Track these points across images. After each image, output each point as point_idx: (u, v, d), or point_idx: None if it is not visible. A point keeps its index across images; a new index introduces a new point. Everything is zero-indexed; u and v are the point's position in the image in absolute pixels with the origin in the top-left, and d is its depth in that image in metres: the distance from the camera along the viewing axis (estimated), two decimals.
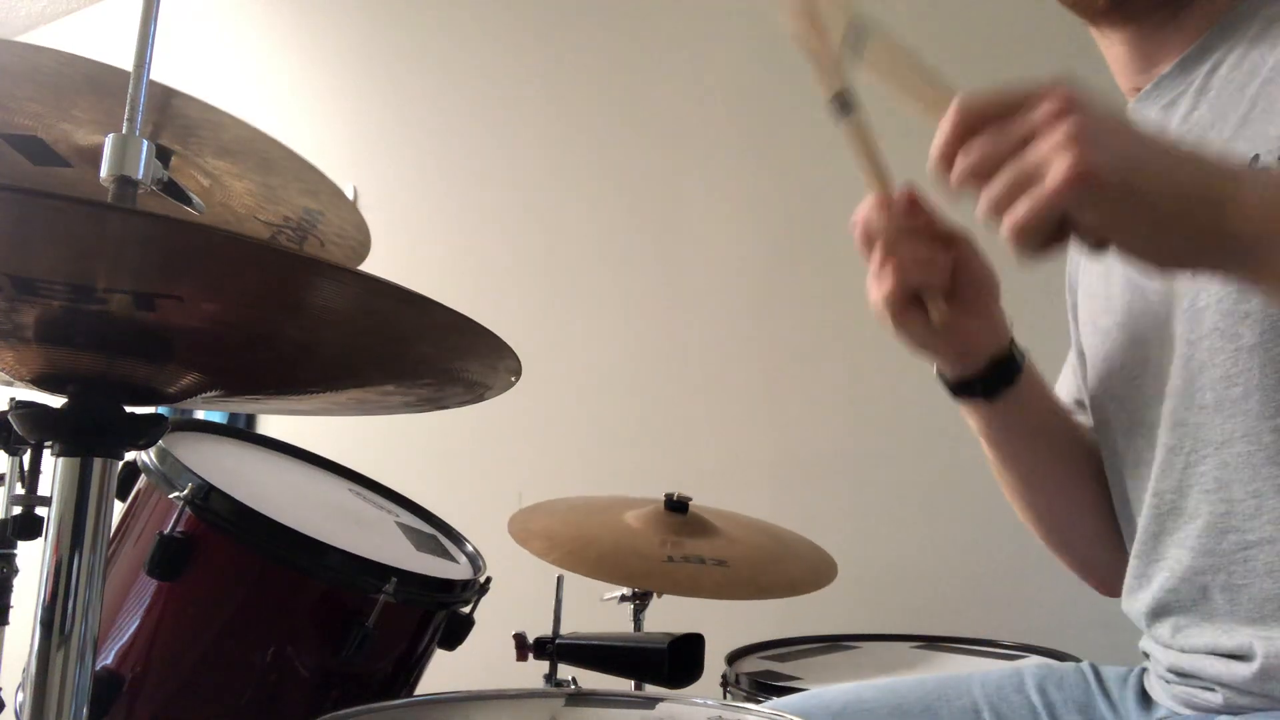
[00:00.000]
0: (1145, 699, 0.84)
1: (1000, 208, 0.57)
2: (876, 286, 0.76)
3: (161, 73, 0.84)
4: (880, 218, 0.74)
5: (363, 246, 1.13)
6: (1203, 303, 0.70)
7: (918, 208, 0.75)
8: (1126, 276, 0.80)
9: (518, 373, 0.75)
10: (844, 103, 0.73)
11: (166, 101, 0.96)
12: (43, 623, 0.66)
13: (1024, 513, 0.94)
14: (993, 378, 0.83)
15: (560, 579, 1.21)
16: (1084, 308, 0.89)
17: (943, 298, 0.75)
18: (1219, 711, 0.73)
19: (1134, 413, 0.79)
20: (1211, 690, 0.74)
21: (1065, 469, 0.90)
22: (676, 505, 1.35)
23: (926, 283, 0.74)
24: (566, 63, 2.46)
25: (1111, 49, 0.84)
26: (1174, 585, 0.75)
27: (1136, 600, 0.81)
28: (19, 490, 0.92)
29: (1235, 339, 0.69)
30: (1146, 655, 0.84)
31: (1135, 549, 0.81)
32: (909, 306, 0.75)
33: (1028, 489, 0.92)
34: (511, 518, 1.33)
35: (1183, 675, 0.77)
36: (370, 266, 0.91)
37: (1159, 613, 0.78)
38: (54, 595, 0.66)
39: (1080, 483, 0.90)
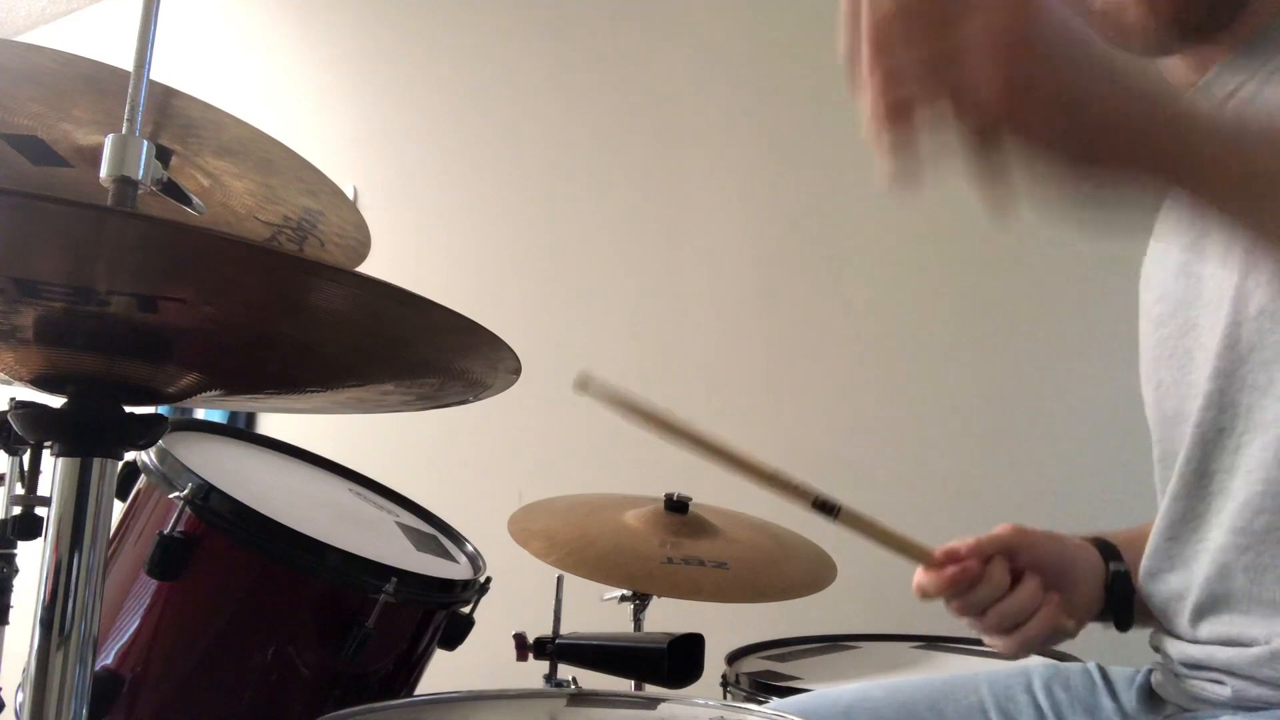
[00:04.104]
0: (1152, 698, 0.84)
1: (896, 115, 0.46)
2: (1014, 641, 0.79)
3: (161, 73, 0.84)
4: (938, 586, 0.78)
5: (363, 246, 1.13)
6: (1253, 284, 0.70)
7: (983, 566, 0.78)
8: (1181, 263, 0.80)
9: (518, 372, 0.75)
10: (826, 507, 0.77)
11: (166, 101, 0.96)
12: (42, 623, 0.66)
13: None
14: (1114, 609, 0.85)
15: (560, 579, 1.21)
16: (1142, 298, 0.90)
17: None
18: (1227, 705, 0.73)
19: (1181, 398, 0.79)
20: (1220, 683, 0.74)
21: None
22: (676, 505, 1.35)
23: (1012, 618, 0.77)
24: (568, 61, 2.46)
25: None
26: (1208, 565, 0.75)
27: (1166, 581, 0.80)
28: (19, 490, 0.92)
29: None
30: (1156, 649, 0.84)
31: (1169, 531, 0.80)
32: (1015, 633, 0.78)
33: None
34: (511, 517, 1.33)
35: (1193, 667, 0.77)
36: (370, 266, 0.91)
37: (1184, 595, 0.78)
38: (54, 595, 0.66)
39: None
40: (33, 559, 0.79)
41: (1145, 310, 0.87)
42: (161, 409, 0.77)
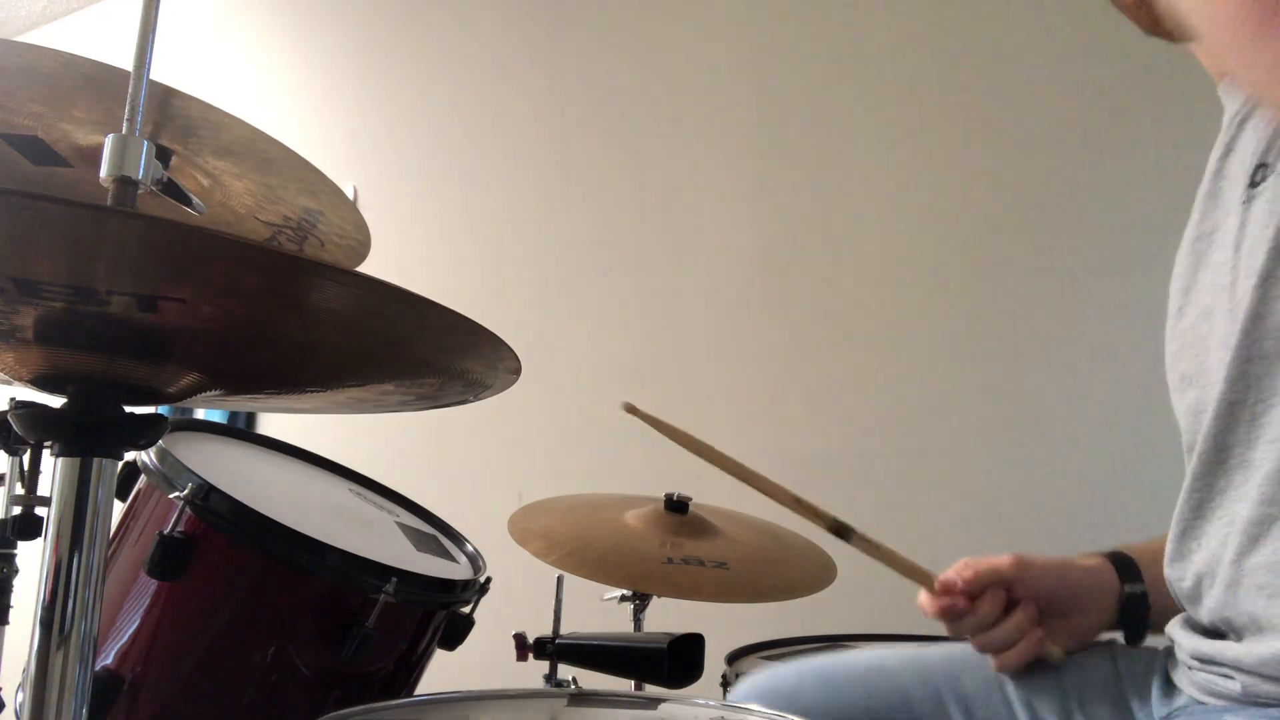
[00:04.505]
0: (1168, 685, 0.84)
1: None
2: (998, 662, 0.89)
3: (161, 72, 0.84)
4: (932, 611, 0.90)
5: (363, 246, 1.13)
6: (1261, 250, 0.70)
7: (973, 598, 0.88)
8: (1199, 251, 0.80)
9: (518, 372, 0.75)
10: (841, 531, 0.89)
11: (166, 101, 0.96)
12: (43, 623, 0.66)
13: None
14: (1127, 624, 0.90)
15: (560, 579, 1.21)
16: (1170, 290, 0.90)
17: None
18: (1237, 700, 0.73)
19: (1202, 385, 0.78)
20: (1230, 678, 0.74)
21: None
22: (676, 505, 1.35)
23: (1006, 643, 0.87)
24: (568, 62, 2.45)
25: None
26: (1237, 537, 0.74)
27: (1191, 563, 0.79)
28: (19, 490, 0.92)
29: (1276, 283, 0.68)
30: (1171, 641, 0.84)
31: (1193, 511, 0.79)
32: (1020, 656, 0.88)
33: None
34: (511, 517, 1.33)
35: (1205, 661, 0.77)
36: (370, 266, 0.91)
37: (1210, 573, 0.77)
38: (54, 595, 0.66)
39: None
40: (33, 559, 0.79)
41: (1171, 305, 0.87)
42: (161, 409, 0.77)
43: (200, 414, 2.08)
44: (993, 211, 1.86)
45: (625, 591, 1.39)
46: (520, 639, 1.17)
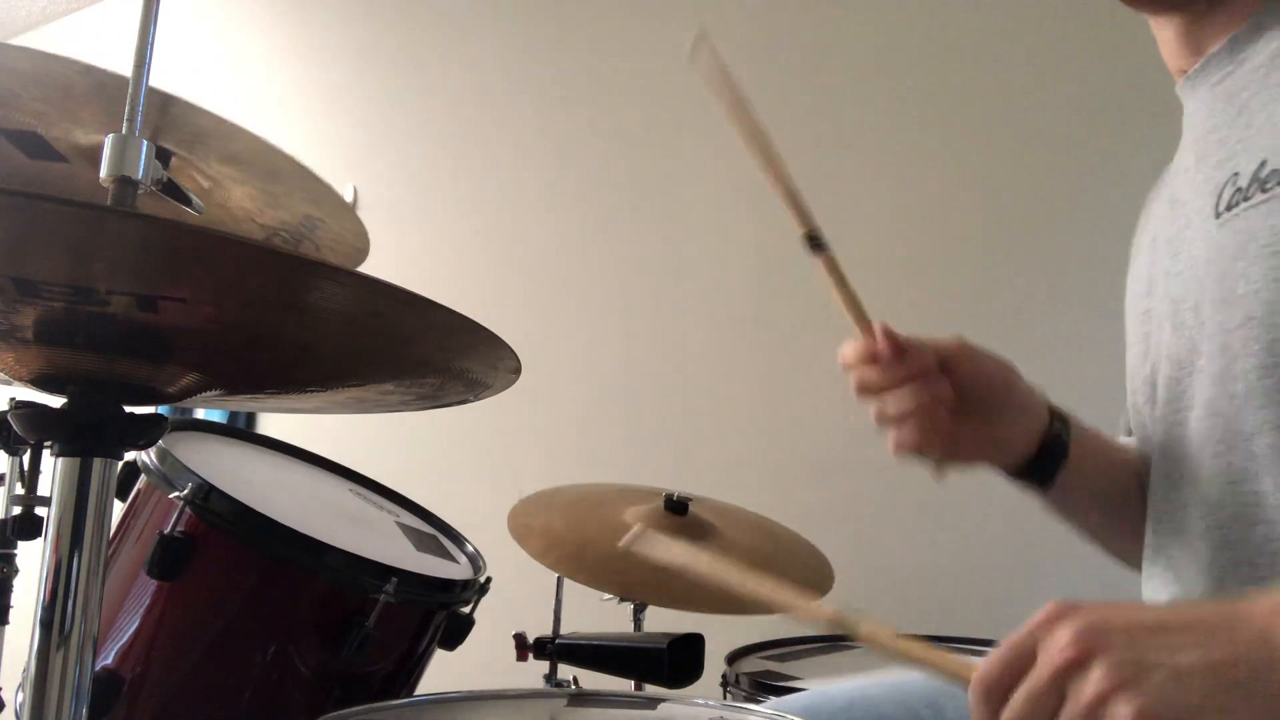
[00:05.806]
0: None
1: None
2: (890, 437, 0.80)
3: (160, 73, 0.84)
4: (868, 371, 0.80)
5: (360, 253, 1.13)
6: (1241, 290, 0.69)
7: (900, 353, 0.79)
8: (1161, 258, 0.81)
9: (518, 371, 0.75)
10: (815, 241, 0.81)
11: (170, 109, 0.96)
12: (43, 623, 0.66)
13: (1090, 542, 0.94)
14: (1040, 464, 0.84)
15: (560, 579, 1.21)
16: (1130, 292, 0.89)
17: (949, 420, 0.79)
18: None
19: (1172, 399, 0.78)
20: None
21: (1129, 520, 0.87)
22: (676, 506, 1.35)
23: (929, 436, 0.78)
24: (567, 62, 2.46)
25: (1161, 31, 0.83)
26: (1195, 578, 0.74)
27: (1157, 595, 0.80)
28: (19, 490, 0.92)
29: (1273, 329, 0.67)
30: None
31: (1157, 540, 0.80)
32: (922, 444, 0.79)
33: (1092, 537, 0.93)
34: (511, 511, 1.33)
35: None
36: (370, 266, 0.91)
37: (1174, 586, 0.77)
38: (54, 595, 0.66)
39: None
40: (33, 559, 0.79)
41: (1133, 304, 0.88)
42: (161, 409, 0.77)
43: (200, 414, 2.08)
44: (991, 216, 1.86)
45: None
46: (520, 639, 1.18)
